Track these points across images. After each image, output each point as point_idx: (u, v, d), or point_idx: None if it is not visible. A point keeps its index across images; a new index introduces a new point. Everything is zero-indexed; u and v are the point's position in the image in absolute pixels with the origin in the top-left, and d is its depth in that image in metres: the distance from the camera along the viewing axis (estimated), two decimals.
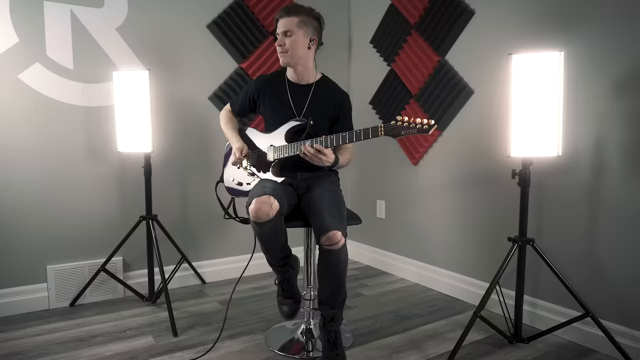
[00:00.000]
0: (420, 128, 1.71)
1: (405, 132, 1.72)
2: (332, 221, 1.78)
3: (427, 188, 2.99)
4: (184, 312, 2.54)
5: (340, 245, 1.77)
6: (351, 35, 3.54)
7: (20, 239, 2.47)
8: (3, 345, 2.13)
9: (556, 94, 1.90)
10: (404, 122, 1.72)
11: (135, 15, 2.69)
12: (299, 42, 1.98)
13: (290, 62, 2.01)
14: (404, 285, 3.05)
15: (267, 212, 1.74)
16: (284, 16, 1.98)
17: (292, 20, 1.96)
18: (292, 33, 1.97)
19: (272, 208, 1.75)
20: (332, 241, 1.75)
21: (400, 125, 1.72)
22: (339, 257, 1.79)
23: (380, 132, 1.75)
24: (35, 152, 2.49)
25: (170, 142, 2.86)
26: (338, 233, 1.76)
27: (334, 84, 2.15)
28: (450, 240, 2.84)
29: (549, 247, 2.27)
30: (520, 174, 2.07)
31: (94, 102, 2.60)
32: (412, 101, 3.01)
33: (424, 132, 1.71)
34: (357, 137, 1.80)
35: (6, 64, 2.38)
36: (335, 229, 1.76)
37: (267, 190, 1.80)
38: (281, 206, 1.80)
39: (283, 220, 1.86)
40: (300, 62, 2.02)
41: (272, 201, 1.75)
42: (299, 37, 1.98)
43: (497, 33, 2.47)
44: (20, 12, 2.39)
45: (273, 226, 1.79)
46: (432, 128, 1.70)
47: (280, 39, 1.98)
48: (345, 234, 1.81)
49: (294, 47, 1.98)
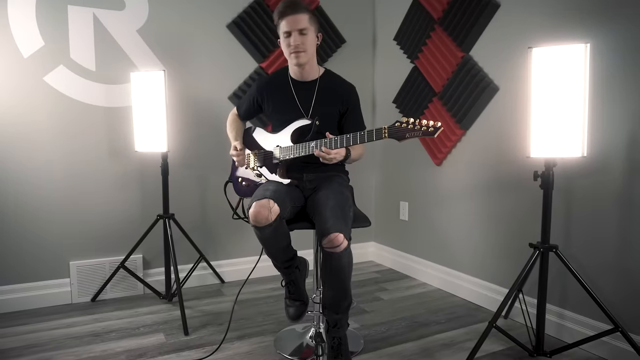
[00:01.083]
0: (425, 130, 1.62)
1: (410, 134, 1.64)
2: (334, 223, 1.72)
3: (450, 190, 2.87)
4: (198, 311, 2.55)
5: (342, 248, 1.71)
6: (375, 32, 3.46)
7: (44, 235, 2.57)
8: (24, 337, 2.21)
9: (581, 89, 1.75)
10: (408, 124, 1.64)
11: (156, 17, 2.73)
12: (313, 39, 1.93)
13: (306, 60, 1.93)
14: (425, 290, 2.94)
15: (266, 216, 1.71)
16: (292, 13, 1.86)
17: (304, 17, 1.87)
18: (307, 31, 1.88)
19: (272, 212, 1.71)
20: (333, 244, 1.69)
21: (405, 127, 1.64)
22: (340, 260, 1.73)
23: (384, 135, 1.68)
24: (59, 151, 2.57)
25: (191, 142, 2.89)
26: (340, 235, 1.70)
27: (338, 77, 2.08)
28: (473, 245, 2.71)
29: (578, 254, 2.11)
30: (543, 175, 1.94)
31: (115, 102, 2.66)
32: (435, 99, 2.90)
33: (429, 134, 1.62)
34: (360, 140, 1.74)
35: (32, 67, 2.47)
36: (337, 231, 1.70)
37: (267, 193, 1.76)
38: (282, 210, 1.76)
39: (284, 224, 1.81)
40: (311, 60, 1.96)
41: (271, 205, 1.72)
42: (312, 34, 1.92)
43: (524, 26, 2.33)
44: (46, 17, 2.48)
45: (273, 230, 1.75)
46: (437, 131, 1.61)
47: (296, 38, 1.87)
48: (348, 237, 1.74)
49: (311, 45, 1.92)
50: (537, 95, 1.83)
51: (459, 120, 2.74)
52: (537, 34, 2.26)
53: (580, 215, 2.12)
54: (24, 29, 2.44)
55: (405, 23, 3.13)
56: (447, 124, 2.82)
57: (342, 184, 1.99)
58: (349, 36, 3.35)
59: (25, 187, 2.51)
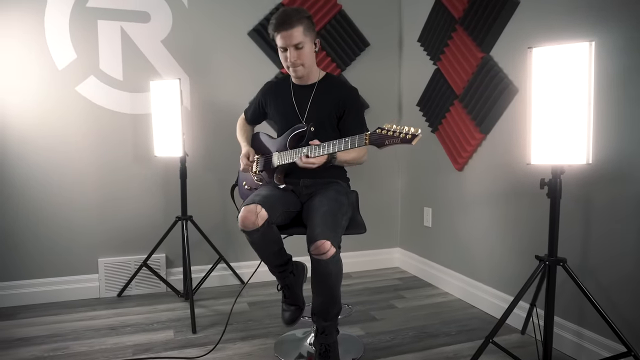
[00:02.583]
0: (403, 138, 1.57)
1: (389, 141, 1.60)
2: (322, 230, 1.72)
3: (472, 196, 2.75)
4: (212, 311, 2.64)
5: (329, 255, 1.70)
6: (402, 34, 3.40)
7: (76, 234, 2.78)
8: (50, 327, 2.40)
9: (585, 92, 1.62)
10: (389, 130, 1.60)
11: (179, 28, 2.86)
12: (310, 51, 1.93)
13: (306, 73, 1.96)
14: (445, 299, 2.84)
15: (253, 221, 1.74)
16: (287, 29, 1.85)
17: (298, 31, 1.86)
18: (303, 44, 1.88)
19: (259, 217, 1.74)
20: (319, 251, 1.69)
21: (385, 134, 1.60)
22: (327, 267, 1.72)
23: (365, 142, 1.65)
24: (90, 156, 2.77)
25: (213, 147, 3.00)
26: (326, 243, 1.69)
27: (338, 80, 2.07)
28: (495, 255, 2.58)
29: (596, 268, 1.95)
30: (550, 184, 1.81)
31: (140, 109, 2.82)
32: (456, 102, 2.80)
33: (407, 142, 1.57)
34: (344, 146, 1.72)
35: (66, 78, 2.69)
36: (324, 238, 1.69)
37: (256, 198, 1.79)
38: (271, 215, 1.78)
39: (274, 229, 1.84)
40: (311, 69, 1.98)
41: (259, 210, 1.75)
42: (308, 46, 1.92)
43: (544, 23, 2.19)
44: (78, 31, 2.68)
45: (261, 235, 1.78)
46: (415, 138, 1.55)
47: (292, 54, 1.88)
48: (336, 245, 1.73)
49: (308, 58, 1.92)
50: (538, 98, 1.71)
51: (478, 123, 2.62)
52: (559, 31, 2.11)
53: (598, 226, 1.95)
54: (59, 43, 2.65)
55: (428, 24, 3.05)
56: (467, 127, 2.71)
57: (339, 191, 1.98)
58: (373, 39, 3.32)
59: (60, 190, 2.74)
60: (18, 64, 2.61)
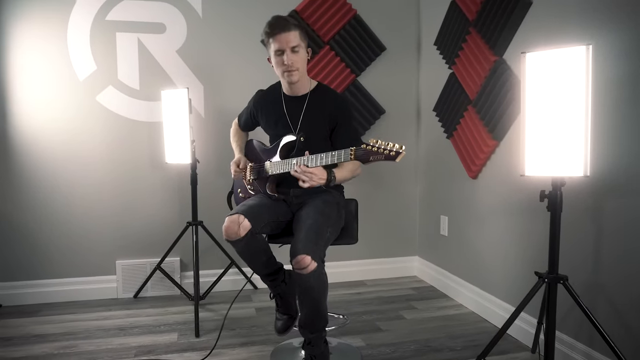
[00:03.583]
0: (387, 154, 1.52)
1: (374, 157, 1.55)
2: (304, 245, 1.70)
3: (486, 205, 2.64)
4: (219, 315, 2.68)
5: (309, 270, 1.68)
6: (420, 38, 3.31)
7: (95, 236, 2.92)
8: (65, 325, 2.53)
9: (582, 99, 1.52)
10: (373, 146, 1.55)
11: (194, 37, 2.94)
12: (304, 56, 1.92)
13: (300, 78, 1.92)
14: (458, 312, 2.74)
15: (235, 231, 1.75)
16: (284, 31, 1.84)
17: (295, 34, 1.85)
18: (299, 48, 1.87)
19: (241, 227, 1.75)
20: (300, 265, 1.68)
21: (370, 150, 1.56)
22: (309, 282, 1.71)
23: (350, 157, 1.62)
24: (109, 162, 2.90)
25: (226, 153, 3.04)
26: (306, 258, 1.67)
27: (330, 91, 2.04)
28: (508, 267, 2.46)
29: (607, 285, 1.82)
30: (550, 196, 1.71)
31: (155, 117, 2.92)
32: (470, 107, 2.69)
33: (390, 159, 1.52)
34: (331, 159, 1.69)
35: (87, 88, 2.83)
36: (304, 253, 1.68)
37: (241, 208, 1.81)
38: (254, 225, 1.79)
39: (259, 239, 1.84)
40: (303, 76, 1.96)
41: (241, 220, 1.76)
42: (303, 51, 1.91)
43: (558, 25, 2.06)
44: (98, 44, 2.82)
45: (245, 245, 1.79)
46: (398, 155, 1.50)
47: (289, 57, 1.85)
48: (317, 259, 1.71)
49: (302, 62, 1.91)
50: (531, 106, 1.62)
51: (491, 129, 2.51)
52: (573, 33, 1.99)
53: (609, 240, 1.82)
54: (80, 55, 2.80)
55: (444, 27, 2.96)
56: (480, 134, 2.60)
57: (329, 201, 1.95)
58: (390, 44, 3.26)
59: (80, 196, 2.88)
60: (42, 76, 2.77)
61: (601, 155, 1.80)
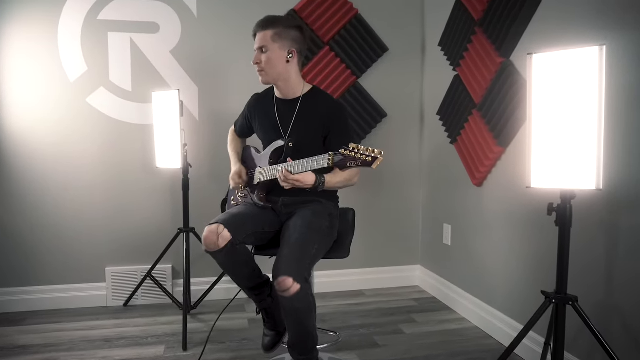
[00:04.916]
0: (364, 160, 1.44)
1: (351, 163, 1.49)
2: (286, 266, 1.59)
3: (491, 215, 2.50)
4: (209, 326, 2.57)
5: (291, 292, 1.56)
6: (425, 38, 3.18)
7: (85, 239, 2.82)
8: (48, 335, 2.44)
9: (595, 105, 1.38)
10: (352, 151, 1.46)
11: (188, 37, 2.84)
12: (275, 58, 1.82)
13: (269, 80, 1.87)
14: (460, 327, 2.60)
15: (214, 241, 1.64)
16: (258, 31, 1.83)
17: (266, 35, 1.81)
18: (267, 49, 1.82)
19: (221, 238, 1.65)
20: (281, 287, 1.57)
21: (347, 155, 1.48)
22: (292, 304, 1.59)
23: (329, 162, 1.53)
24: (99, 166, 2.81)
25: (221, 157, 2.93)
26: (288, 280, 1.56)
27: (323, 95, 1.93)
28: (514, 282, 2.32)
29: (622, 306, 1.68)
30: (559, 210, 1.57)
31: (148, 120, 2.81)
32: (475, 111, 2.56)
33: (367, 164, 1.45)
34: (311, 165, 1.61)
35: (77, 90, 2.74)
36: (285, 274, 1.56)
37: (221, 217, 1.70)
38: (236, 236, 1.68)
39: (241, 250, 1.73)
40: (280, 78, 1.86)
41: (220, 230, 1.65)
42: (275, 52, 1.82)
43: (568, 24, 1.93)
44: (89, 44, 2.73)
45: (225, 256, 1.68)
46: (375, 161, 1.41)
47: (255, 57, 1.84)
48: (301, 280, 1.59)
49: (270, 64, 1.83)
50: (538, 112, 1.49)
51: (496, 135, 2.38)
52: (582, 33, 1.85)
53: (625, 258, 1.68)
54: (71, 56, 2.71)
55: (448, 27, 2.83)
56: (485, 139, 2.47)
57: (319, 212, 1.83)
58: (393, 44, 3.13)
59: (70, 200, 2.79)
60: (32, 77, 2.68)
61: (615, 167, 1.66)
